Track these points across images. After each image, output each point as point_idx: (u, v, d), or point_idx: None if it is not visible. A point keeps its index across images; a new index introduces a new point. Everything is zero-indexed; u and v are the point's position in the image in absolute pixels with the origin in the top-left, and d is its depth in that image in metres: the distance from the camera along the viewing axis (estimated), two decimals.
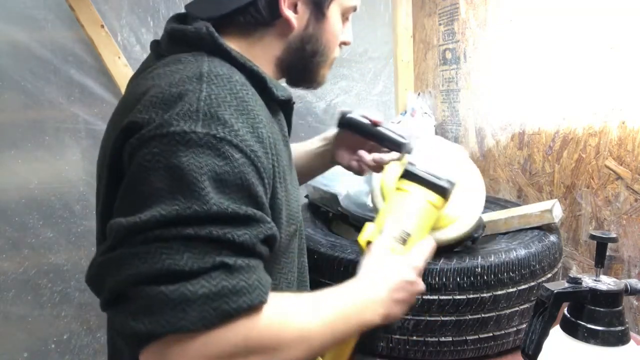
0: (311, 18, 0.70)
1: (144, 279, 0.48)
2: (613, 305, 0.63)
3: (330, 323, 0.58)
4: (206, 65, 0.59)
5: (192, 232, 0.49)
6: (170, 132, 0.52)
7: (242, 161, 0.53)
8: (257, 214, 0.54)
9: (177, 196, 0.50)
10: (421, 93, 1.90)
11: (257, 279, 0.52)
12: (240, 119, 0.55)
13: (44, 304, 1.61)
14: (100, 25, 1.53)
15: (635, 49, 1.01)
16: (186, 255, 0.49)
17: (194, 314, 0.47)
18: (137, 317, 0.48)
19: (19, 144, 1.53)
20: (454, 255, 0.89)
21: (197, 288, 0.48)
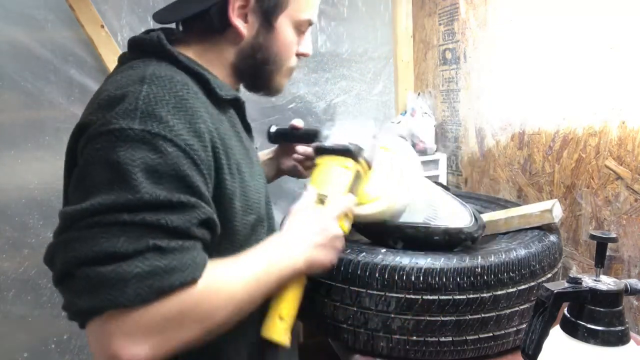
0: (260, 28, 0.74)
1: (85, 260, 0.54)
2: (613, 305, 0.63)
3: (255, 281, 0.65)
4: (150, 69, 0.65)
5: (128, 219, 0.54)
6: (110, 130, 0.57)
7: (176, 154, 0.58)
8: (191, 200, 0.59)
9: (114, 187, 0.55)
10: (421, 93, 1.90)
11: (191, 259, 0.57)
12: (177, 115, 0.60)
13: (44, 304, 1.61)
14: (100, 25, 1.53)
15: (635, 49, 1.01)
16: (122, 239, 0.54)
17: (130, 291, 0.53)
18: (80, 295, 0.54)
19: (19, 144, 1.53)
20: (454, 255, 0.89)
21: (132, 268, 0.53)
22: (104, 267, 0.53)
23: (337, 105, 1.90)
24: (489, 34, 1.47)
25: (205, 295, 0.59)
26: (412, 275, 0.86)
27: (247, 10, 0.72)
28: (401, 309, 0.87)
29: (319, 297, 0.96)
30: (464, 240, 0.94)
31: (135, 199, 0.55)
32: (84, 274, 0.54)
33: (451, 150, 1.75)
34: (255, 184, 0.75)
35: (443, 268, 0.86)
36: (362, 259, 0.90)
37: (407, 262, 0.87)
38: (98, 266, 0.53)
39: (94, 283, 0.53)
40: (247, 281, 0.64)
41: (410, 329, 0.87)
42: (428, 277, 0.85)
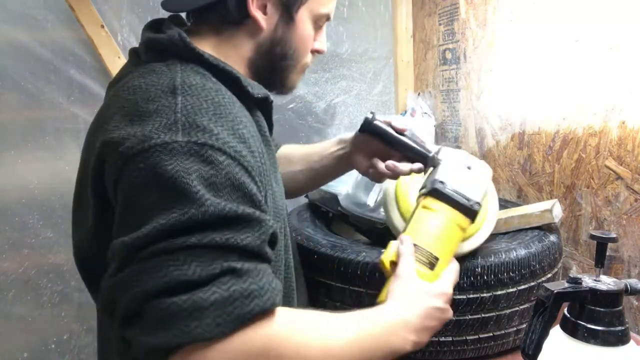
0: (280, 21, 0.70)
1: (154, 293, 0.48)
2: (613, 305, 0.63)
3: (357, 342, 0.57)
4: (179, 77, 0.60)
5: (196, 241, 0.49)
6: (152, 145, 0.52)
7: (228, 162, 0.54)
8: (255, 213, 0.53)
9: (173, 204, 0.50)
10: (421, 93, 1.90)
11: (267, 282, 0.51)
12: (219, 122, 0.56)
13: (44, 304, 1.60)
14: (100, 25, 1.53)
15: (635, 49, 1.01)
16: (193, 265, 0.48)
17: (209, 321, 0.47)
18: (152, 332, 0.47)
19: (19, 144, 1.53)
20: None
21: (209, 295, 0.47)
22: (178, 297, 0.47)
23: (337, 105, 1.90)
24: (489, 34, 1.47)
25: (294, 331, 0.53)
26: None
27: (266, 1, 0.68)
28: None
29: (319, 297, 0.96)
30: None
31: (199, 214, 0.50)
32: (156, 307, 0.47)
33: None
34: (280, 188, 0.72)
35: None
36: (362, 259, 0.90)
37: None
38: (170, 297, 0.47)
39: (168, 316, 0.47)
40: (349, 341, 0.56)
41: None
42: None
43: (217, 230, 0.50)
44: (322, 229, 1.12)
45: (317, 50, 0.78)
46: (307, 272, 0.97)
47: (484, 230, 0.89)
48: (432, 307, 0.65)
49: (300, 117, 1.85)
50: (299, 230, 1.08)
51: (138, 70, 0.65)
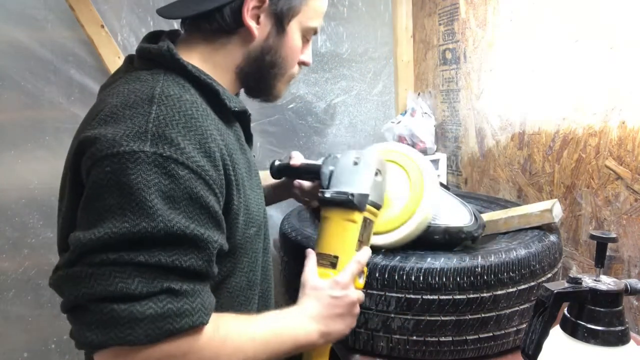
0: (272, 30, 0.74)
1: (99, 297, 0.54)
2: (613, 305, 0.63)
3: (264, 342, 0.66)
4: (159, 87, 0.64)
5: (143, 260, 0.55)
6: (120, 152, 0.56)
7: (189, 176, 0.58)
8: (204, 234, 0.59)
9: (127, 213, 0.55)
10: (421, 93, 1.90)
11: (201, 303, 0.58)
12: (188, 136, 0.60)
13: (44, 304, 1.60)
14: (100, 25, 1.53)
15: (635, 49, 1.01)
16: (137, 280, 0.55)
17: (140, 331, 0.54)
18: (90, 328, 0.55)
19: (19, 144, 1.53)
20: (454, 255, 0.89)
21: (145, 309, 0.54)
22: (118, 306, 0.54)
23: (337, 105, 1.90)
24: (489, 34, 1.47)
25: (212, 341, 0.61)
26: (412, 275, 0.86)
27: (260, 11, 0.71)
28: (401, 308, 0.87)
29: None
30: (464, 239, 0.94)
31: (149, 227, 0.55)
32: (97, 309, 0.55)
33: (451, 150, 1.75)
34: (255, 195, 0.76)
35: (443, 268, 0.86)
36: None
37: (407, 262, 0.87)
38: (112, 304, 0.54)
39: (107, 320, 0.54)
40: (256, 341, 0.65)
41: (410, 329, 0.88)
42: (428, 277, 0.85)
43: (165, 248, 0.56)
44: None
45: (304, 62, 0.82)
46: None
47: (417, 215, 0.90)
48: (329, 295, 0.73)
49: (300, 117, 1.85)
50: (299, 230, 1.08)
51: (126, 76, 0.69)
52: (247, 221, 0.71)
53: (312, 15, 0.76)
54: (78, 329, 0.56)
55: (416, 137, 1.75)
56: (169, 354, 0.57)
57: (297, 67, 0.81)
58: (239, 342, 0.64)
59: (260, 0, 0.70)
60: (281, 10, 0.72)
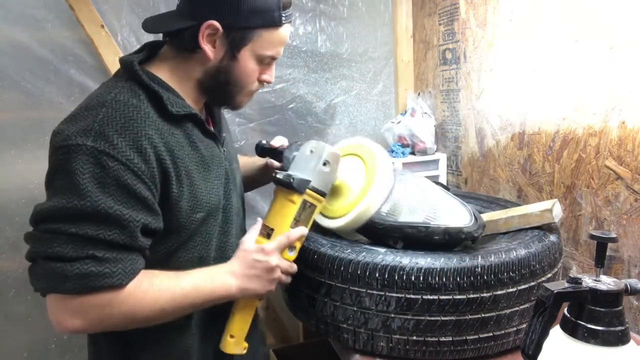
0: (226, 55, 0.85)
1: (41, 255, 0.72)
2: (613, 305, 0.63)
3: (182, 294, 0.79)
4: (114, 93, 0.79)
5: (74, 231, 0.71)
6: (69, 145, 0.73)
7: (117, 167, 0.73)
8: (126, 214, 0.73)
9: (66, 192, 0.72)
10: (421, 93, 1.90)
11: (122, 268, 0.74)
12: (124, 134, 0.74)
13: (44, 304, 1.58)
14: (100, 25, 1.53)
15: (635, 49, 1.01)
16: (70, 247, 0.71)
17: (69, 285, 0.71)
18: (38, 278, 0.74)
19: (19, 144, 1.53)
20: (454, 255, 0.89)
21: (73, 269, 0.71)
22: (54, 264, 0.71)
23: (337, 105, 1.90)
24: (489, 34, 1.47)
25: (131, 296, 0.75)
26: (412, 275, 0.86)
27: (215, 37, 0.82)
28: (401, 308, 0.87)
29: (319, 297, 0.96)
30: (464, 239, 0.94)
31: (79, 205, 0.71)
32: (42, 264, 0.73)
33: (451, 150, 1.75)
34: (208, 185, 0.87)
35: (443, 268, 0.86)
36: (362, 259, 0.90)
37: (407, 262, 0.87)
38: (51, 262, 0.71)
39: (46, 273, 0.72)
40: (174, 293, 0.79)
41: (410, 329, 0.88)
42: (428, 277, 0.85)
43: (92, 223, 0.72)
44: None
45: (264, 80, 0.92)
46: (307, 272, 0.98)
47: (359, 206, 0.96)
48: (252, 258, 0.86)
49: (300, 117, 1.85)
50: None
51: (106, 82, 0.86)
52: (193, 207, 0.83)
53: (266, 45, 0.86)
54: (31, 277, 0.75)
55: (416, 137, 1.75)
56: (94, 304, 0.73)
57: (258, 83, 0.91)
58: (158, 295, 0.77)
59: (214, 29, 0.81)
60: (233, 39, 0.83)
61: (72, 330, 0.76)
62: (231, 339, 0.89)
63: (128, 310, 0.76)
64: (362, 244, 0.98)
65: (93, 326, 0.77)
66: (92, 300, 0.73)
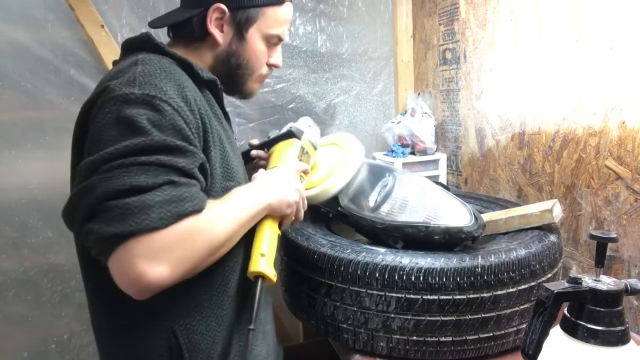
0: (234, 37, 0.86)
1: (112, 194, 0.63)
2: (613, 305, 0.63)
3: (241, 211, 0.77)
4: (141, 55, 0.77)
5: (145, 159, 0.65)
6: (115, 96, 0.68)
7: (171, 112, 0.69)
8: (190, 147, 0.70)
9: (128, 137, 0.66)
10: (421, 93, 1.90)
11: (197, 192, 0.69)
12: (169, 84, 0.72)
13: (44, 304, 1.61)
14: (100, 25, 1.53)
15: (635, 49, 1.01)
16: (143, 176, 0.64)
17: (154, 216, 0.63)
18: (109, 224, 0.62)
19: (19, 144, 1.53)
20: (454, 255, 0.89)
21: (154, 197, 0.63)
22: (130, 199, 0.62)
23: (337, 105, 1.90)
24: (489, 34, 1.47)
25: (209, 221, 0.70)
26: (412, 275, 0.86)
27: (223, 21, 0.84)
28: (401, 308, 0.87)
29: (319, 297, 0.96)
30: (464, 239, 0.94)
31: (148, 141, 0.65)
32: (113, 206, 0.62)
33: (451, 150, 1.75)
34: (236, 158, 0.86)
35: (443, 268, 0.86)
36: (362, 259, 0.90)
37: (407, 262, 0.87)
38: (124, 198, 0.62)
39: (122, 212, 0.62)
40: (238, 213, 0.76)
41: (410, 329, 0.88)
42: (428, 277, 0.85)
43: (161, 153, 0.66)
44: (322, 229, 1.12)
45: (272, 64, 0.93)
46: (307, 272, 0.98)
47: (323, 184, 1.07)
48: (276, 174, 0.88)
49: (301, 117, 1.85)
50: (299, 230, 1.08)
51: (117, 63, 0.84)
52: (225, 173, 0.80)
53: (272, 23, 0.88)
54: (97, 230, 0.63)
55: (416, 137, 1.75)
56: (179, 237, 0.65)
57: (267, 68, 0.93)
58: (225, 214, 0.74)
59: (221, 12, 0.83)
60: (239, 19, 0.85)
61: (156, 282, 0.63)
62: (262, 257, 0.81)
63: (208, 238, 0.69)
64: (362, 244, 0.98)
65: (178, 269, 0.66)
66: (177, 232, 0.65)
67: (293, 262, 1.04)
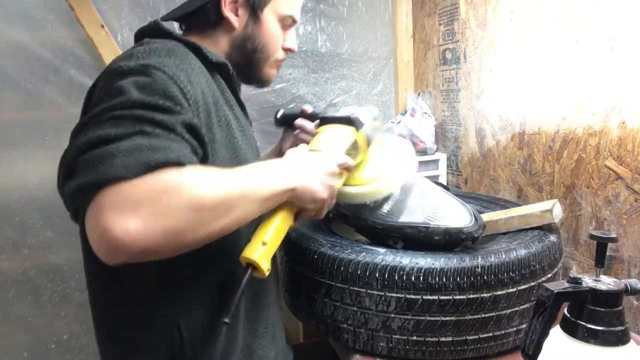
0: (249, 20, 0.86)
1: (83, 149, 0.60)
2: (613, 305, 0.63)
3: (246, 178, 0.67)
4: (147, 39, 0.76)
5: (119, 113, 0.61)
6: (110, 70, 0.68)
7: (165, 78, 0.65)
8: (176, 107, 0.64)
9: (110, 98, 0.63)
10: (421, 93, 1.90)
11: (177, 148, 0.61)
12: (169, 59, 0.69)
13: (44, 304, 1.61)
14: (100, 25, 1.53)
15: (635, 49, 1.01)
16: (114, 128, 0.60)
17: (118, 163, 0.57)
18: (79, 175, 0.58)
19: (19, 144, 1.53)
20: (454, 255, 0.89)
21: (119, 145, 0.58)
22: (97, 149, 0.58)
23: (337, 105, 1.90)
24: (489, 34, 1.47)
25: (196, 180, 0.60)
26: (412, 275, 0.86)
27: (237, 4, 0.84)
28: (401, 309, 0.87)
29: (319, 297, 0.96)
30: (465, 239, 0.94)
31: (126, 98, 0.62)
32: (82, 160, 0.59)
33: (451, 150, 1.75)
34: (248, 148, 0.82)
35: (443, 268, 0.86)
36: (362, 259, 0.90)
37: (407, 262, 0.87)
38: (94, 149, 0.59)
39: (89, 163, 0.58)
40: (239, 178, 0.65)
41: (410, 329, 0.88)
42: (428, 277, 0.85)
43: (140, 108, 0.61)
44: (322, 229, 1.12)
45: (288, 49, 0.92)
46: (307, 272, 0.98)
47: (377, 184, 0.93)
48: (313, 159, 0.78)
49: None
50: (299, 230, 1.08)
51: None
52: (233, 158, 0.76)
53: (286, 3, 0.87)
54: (68, 187, 0.59)
55: (416, 137, 1.75)
56: (150, 189, 0.57)
57: (282, 52, 0.92)
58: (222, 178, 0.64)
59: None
60: (254, 1, 0.84)
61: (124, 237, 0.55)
62: (262, 246, 0.72)
63: (190, 197, 0.58)
64: (362, 244, 0.98)
65: (152, 226, 0.56)
66: (148, 184, 0.57)
67: (293, 262, 1.04)
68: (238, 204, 0.64)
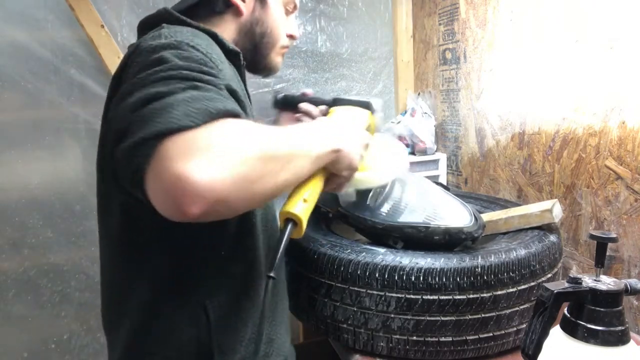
0: (256, 4, 0.87)
1: (136, 106, 0.57)
2: (613, 305, 0.63)
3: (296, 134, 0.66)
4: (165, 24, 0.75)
5: (166, 74, 0.59)
6: (141, 48, 0.66)
7: (202, 57, 0.64)
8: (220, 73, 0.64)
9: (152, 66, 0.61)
10: (421, 93, 1.90)
11: (228, 99, 0.61)
12: (199, 39, 0.69)
13: (44, 304, 1.61)
14: (100, 25, 1.53)
15: (635, 49, 1.01)
16: (165, 86, 0.58)
17: (179, 113, 0.54)
18: (135, 132, 0.55)
19: (19, 144, 1.53)
20: (454, 255, 0.89)
21: (177, 97, 0.56)
22: (152, 104, 0.56)
23: None
24: (489, 34, 1.47)
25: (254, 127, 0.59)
26: (412, 275, 0.86)
27: None
28: (401, 309, 0.87)
29: (319, 297, 0.96)
30: (464, 239, 0.94)
31: (170, 64, 0.61)
32: (137, 115, 0.56)
33: (451, 150, 1.75)
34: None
35: (443, 268, 0.86)
36: (362, 259, 0.90)
37: (407, 262, 0.87)
38: (148, 105, 0.56)
39: (146, 118, 0.55)
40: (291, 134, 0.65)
41: (410, 329, 0.88)
42: (428, 277, 0.85)
43: (188, 70, 0.61)
44: (322, 229, 1.12)
45: (291, 35, 0.94)
46: (307, 272, 0.98)
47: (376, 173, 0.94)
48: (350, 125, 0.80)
49: None
50: None
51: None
52: None
53: None
54: (123, 147, 0.56)
55: (416, 137, 1.75)
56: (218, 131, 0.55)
57: (286, 39, 0.93)
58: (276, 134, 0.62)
59: None
60: None
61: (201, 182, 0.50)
62: (303, 203, 0.69)
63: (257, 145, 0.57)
64: (362, 244, 0.98)
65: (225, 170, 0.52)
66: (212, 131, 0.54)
67: (293, 262, 1.04)
68: (296, 157, 0.63)
